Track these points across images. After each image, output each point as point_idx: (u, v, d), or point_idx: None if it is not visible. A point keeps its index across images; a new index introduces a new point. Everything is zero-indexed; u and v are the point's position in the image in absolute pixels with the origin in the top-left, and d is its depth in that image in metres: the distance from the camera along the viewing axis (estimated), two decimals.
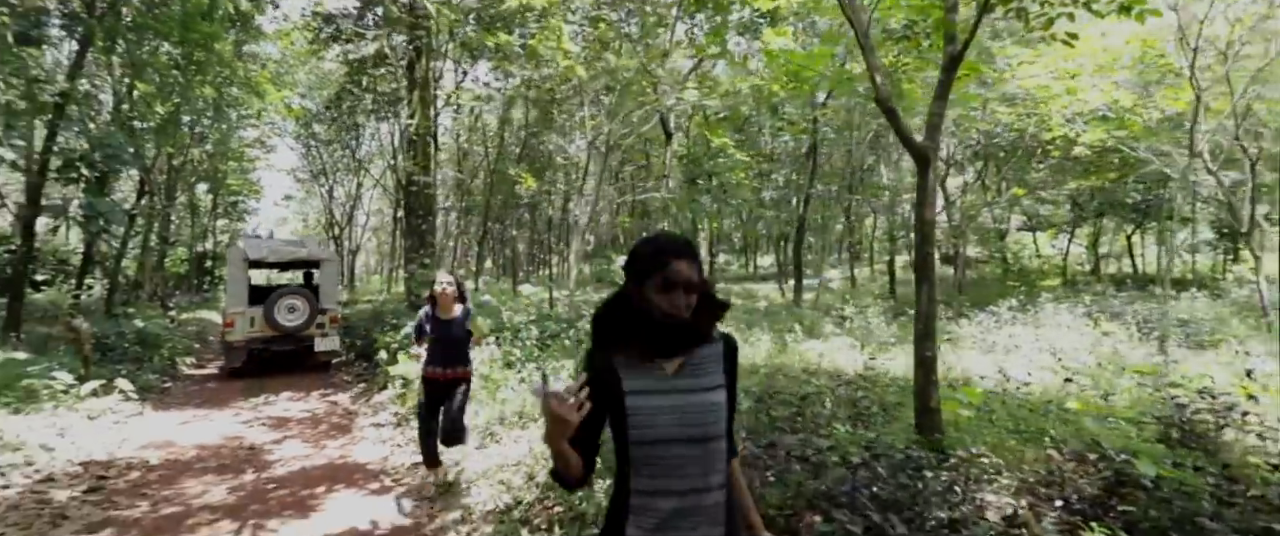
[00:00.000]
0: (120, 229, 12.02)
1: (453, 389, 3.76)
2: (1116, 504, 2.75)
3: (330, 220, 26.48)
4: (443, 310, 3.72)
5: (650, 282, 1.17)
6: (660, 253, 1.18)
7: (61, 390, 5.38)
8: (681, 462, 1.17)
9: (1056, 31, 4.37)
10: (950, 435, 3.56)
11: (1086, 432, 3.56)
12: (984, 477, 2.97)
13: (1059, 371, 5.09)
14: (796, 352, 6.77)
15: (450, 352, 3.71)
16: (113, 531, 3.32)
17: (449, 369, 3.72)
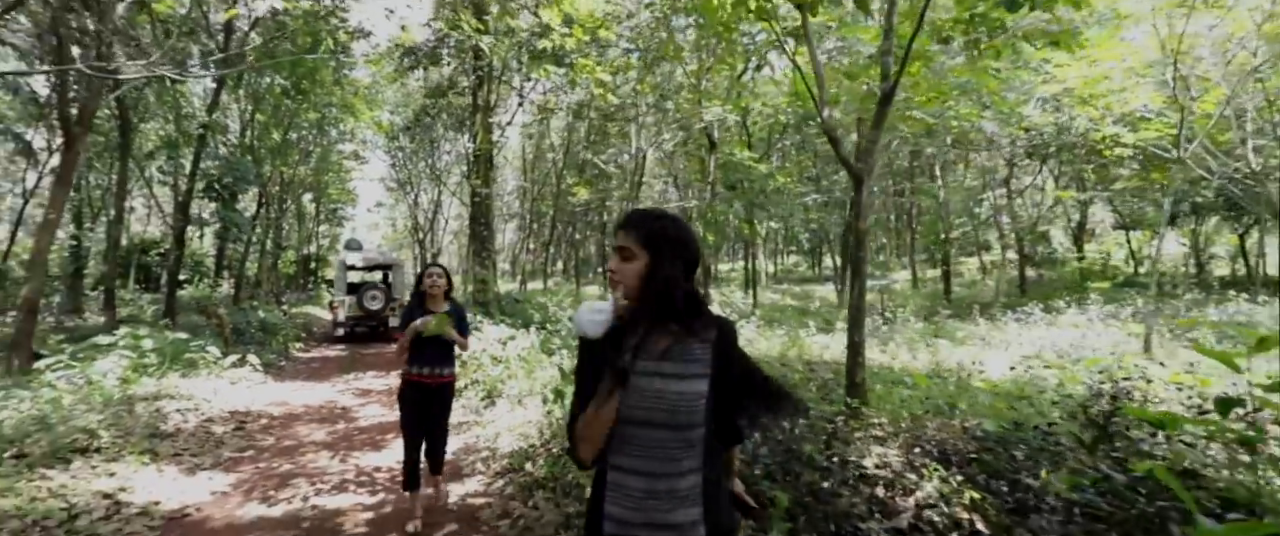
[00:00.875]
0: (246, 236, 14.45)
1: (438, 396, 3.43)
2: (972, 454, 3.53)
3: (415, 225, 29.27)
4: (431, 303, 3.39)
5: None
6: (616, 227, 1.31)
7: (212, 361, 7.17)
8: (658, 445, 1.22)
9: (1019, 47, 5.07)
10: (874, 405, 4.38)
11: (991, 408, 4.26)
12: (872, 436, 3.81)
13: (1028, 363, 5.65)
14: (802, 346, 7.57)
15: (436, 353, 3.35)
16: (252, 452, 4.81)
17: (435, 370, 3.36)
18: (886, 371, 6.01)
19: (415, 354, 3.32)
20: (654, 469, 1.22)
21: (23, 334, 7.20)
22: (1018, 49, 5.36)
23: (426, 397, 3.37)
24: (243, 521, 3.51)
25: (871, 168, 4.72)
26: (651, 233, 1.26)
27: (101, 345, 6.59)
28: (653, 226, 1.27)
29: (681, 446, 1.22)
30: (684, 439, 1.22)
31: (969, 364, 6.02)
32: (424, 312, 3.29)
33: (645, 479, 1.22)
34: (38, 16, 9.37)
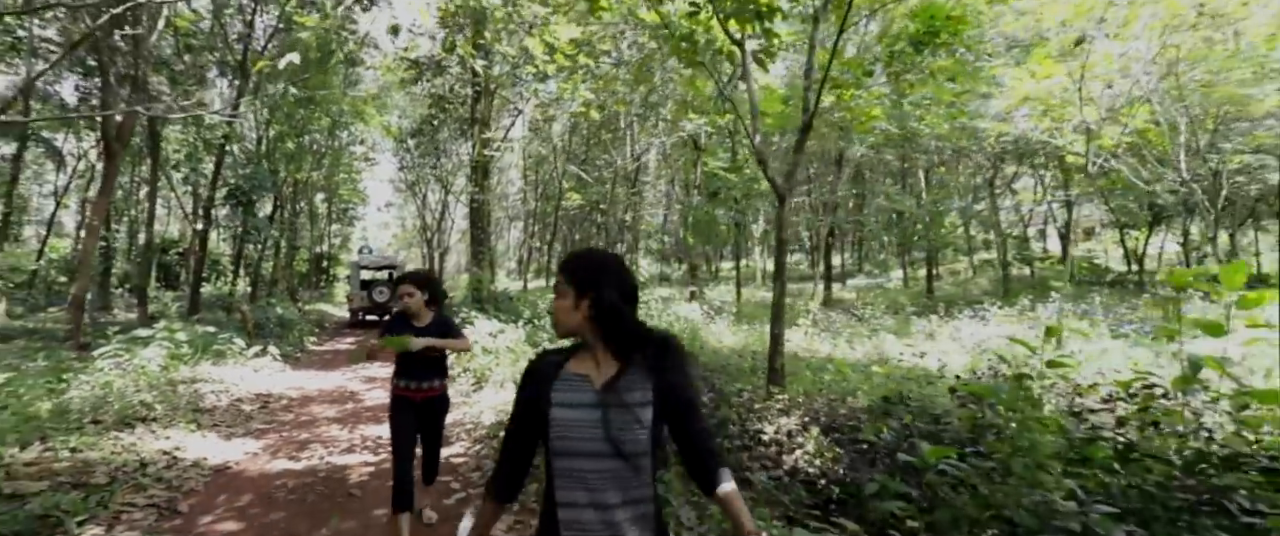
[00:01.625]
0: (264, 237, 15.60)
1: (426, 410, 3.26)
2: (848, 422, 4.43)
3: (423, 225, 30.45)
4: (416, 318, 3.22)
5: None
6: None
7: (237, 352, 8.23)
8: (583, 478, 1.22)
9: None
10: (791, 387, 5.29)
11: (884, 388, 5.16)
12: (778, 410, 4.73)
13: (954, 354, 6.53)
14: (763, 339, 8.47)
15: (421, 366, 3.19)
16: (275, 425, 5.82)
17: (419, 384, 3.21)
18: (821, 360, 6.91)
19: (401, 367, 3.22)
20: (600, 500, 1.22)
21: (74, 326, 8.30)
22: (928, 80, 6.22)
23: (414, 411, 3.22)
24: (271, 472, 4.50)
25: (793, 186, 5.63)
26: (577, 269, 1.30)
27: (142, 337, 7.65)
28: (579, 263, 1.32)
29: (629, 475, 1.23)
30: (632, 467, 1.23)
31: (896, 354, 6.89)
32: (407, 329, 3.15)
33: (595, 511, 1.22)
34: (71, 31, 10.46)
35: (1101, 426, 3.13)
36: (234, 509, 3.80)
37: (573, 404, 1.25)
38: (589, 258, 1.36)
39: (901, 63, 5.96)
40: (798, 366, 6.60)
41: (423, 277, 3.27)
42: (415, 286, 3.18)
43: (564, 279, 1.32)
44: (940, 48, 5.62)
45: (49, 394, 5.35)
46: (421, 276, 3.27)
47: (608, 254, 1.39)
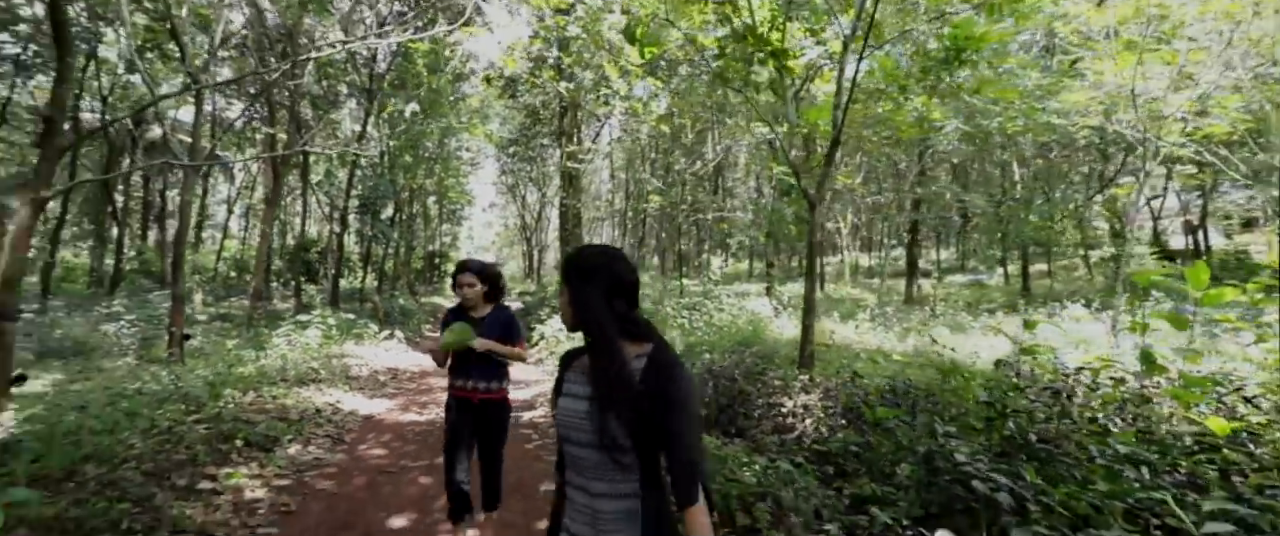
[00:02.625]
0: (388, 239, 18.17)
1: (482, 414, 3.08)
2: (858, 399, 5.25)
3: (522, 224, 33.07)
4: (474, 309, 3.10)
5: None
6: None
7: (371, 334, 10.21)
8: (590, 465, 1.34)
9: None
10: (820, 371, 6.13)
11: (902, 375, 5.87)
12: (799, 387, 5.61)
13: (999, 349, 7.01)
14: (818, 333, 9.22)
15: (478, 366, 3.03)
16: (404, 390, 7.49)
17: (476, 384, 3.04)
18: (867, 351, 7.61)
19: (457, 365, 3.07)
20: (588, 487, 1.34)
21: (254, 313, 10.65)
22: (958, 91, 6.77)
23: (469, 413, 3.06)
24: (402, 421, 6.05)
25: (824, 195, 6.45)
26: (568, 266, 1.39)
27: (303, 321, 9.77)
28: (571, 261, 1.40)
29: (612, 468, 1.30)
30: (613, 461, 1.30)
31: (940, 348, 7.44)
32: (463, 320, 3.02)
33: (584, 495, 1.35)
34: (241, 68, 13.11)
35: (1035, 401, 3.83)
36: (379, 441, 5.34)
37: (572, 395, 1.37)
38: (581, 255, 1.42)
39: (934, 77, 6.60)
40: (840, 355, 7.37)
41: (483, 268, 3.14)
42: (476, 277, 3.08)
43: (562, 275, 1.42)
44: (965, 65, 6.22)
45: (252, 360, 7.32)
46: (482, 267, 3.15)
47: (604, 252, 1.42)
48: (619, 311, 1.34)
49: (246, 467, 4.31)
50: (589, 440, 1.31)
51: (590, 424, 1.30)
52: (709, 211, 16.64)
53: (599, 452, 1.31)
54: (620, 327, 1.33)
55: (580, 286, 1.35)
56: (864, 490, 3.13)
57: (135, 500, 3.42)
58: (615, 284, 1.35)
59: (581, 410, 1.33)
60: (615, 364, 1.28)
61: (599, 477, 1.33)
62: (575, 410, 1.35)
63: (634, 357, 1.32)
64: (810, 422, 5.05)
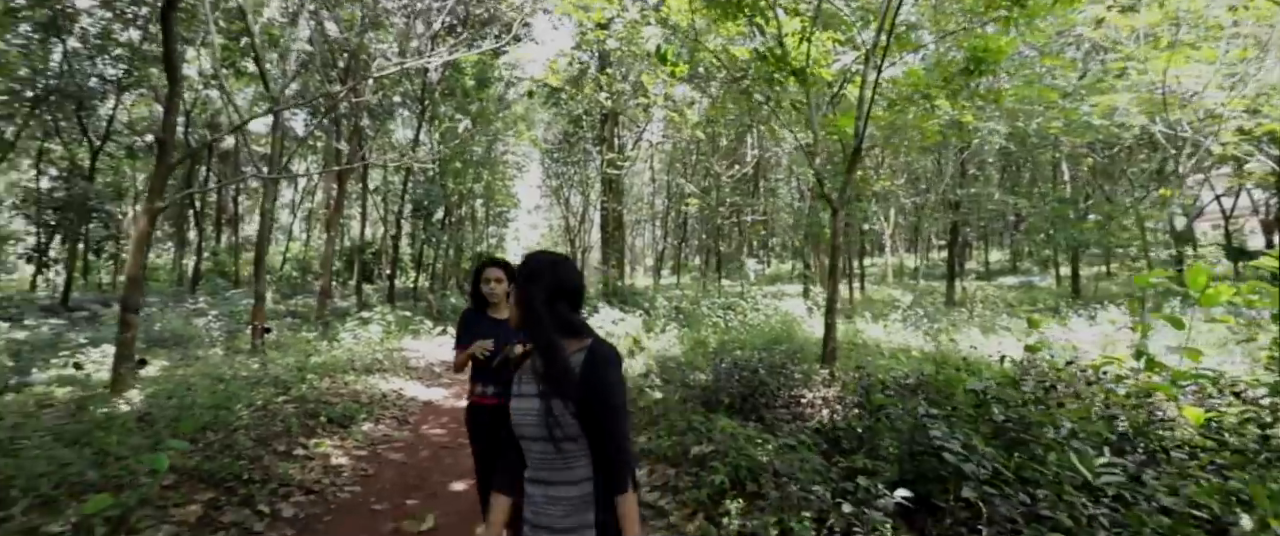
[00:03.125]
0: (439, 241, 19.26)
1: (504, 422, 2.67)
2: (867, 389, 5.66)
3: (567, 226, 34.03)
4: (494, 309, 2.91)
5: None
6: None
7: (426, 330, 11.09)
8: (540, 456, 1.48)
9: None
10: (841, 366, 6.55)
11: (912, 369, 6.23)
12: (820, 381, 6.06)
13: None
14: (850, 330, 9.57)
15: (500, 369, 2.74)
16: (458, 381, 8.25)
17: (500, 391, 2.77)
18: (892, 348, 7.95)
19: (478, 369, 2.85)
20: (545, 478, 1.48)
21: (323, 309, 11.71)
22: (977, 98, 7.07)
23: (494, 422, 2.78)
24: (458, 407, 6.78)
25: (845, 200, 6.86)
26: (517, 269, 1.58)
27: (366, 318, 10.73)
28: (521, 265, 1.57)
29: (563, 458, 1.45)
30: (562, 451, 1.44)
31: (962, 347, 7.72)
32: (484, 322, 2.84)
33: (542, 488, 1.48)
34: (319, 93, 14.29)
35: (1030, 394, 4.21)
36: (438, 423, 6.08)
37: (523, 394, 1.49)
38: (530, 260, 1.54)
39: (955, 86, 6.93)
40: (864, 353, 7.75)
41: (510, 264, 2.92)
42: (504, 272, 2.89)
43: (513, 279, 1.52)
44: (985, 74, 6.55)
45: (324, 351, 8.23)
46: (509, 263, 2.95)
47: (551, 258, 1.55)
48: (560, 312, 1.48)
49: (330, 439, 5.09)
50: (540, 434, 1.43)
51: (540, 418, 1.43)
52: (748, 213, 17.01)
53: (550, 444, 1.44)
54: (558, 326, 1.47)
55: (526, 288, 1.49)
56: (857, 463, 3.61)
57: (248, 459, 4.20)
58: (557, 287, 1.50)
59: (533, 407, 1.45)
60: (556, 357, 1.43)
61: (552, 468, 1.46)
62: (527, 407, 1.46)
63: (573, 352, 1.46)
64: (826, 411, 5.51)
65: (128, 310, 6.39)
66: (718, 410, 5.33)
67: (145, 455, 3.48)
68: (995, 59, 6.47)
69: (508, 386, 2.56)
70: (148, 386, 5.96)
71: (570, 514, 1.45)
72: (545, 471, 1.47)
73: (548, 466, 1.47)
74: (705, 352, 7.57)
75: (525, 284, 1.50)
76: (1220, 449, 3.47)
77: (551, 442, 1.44)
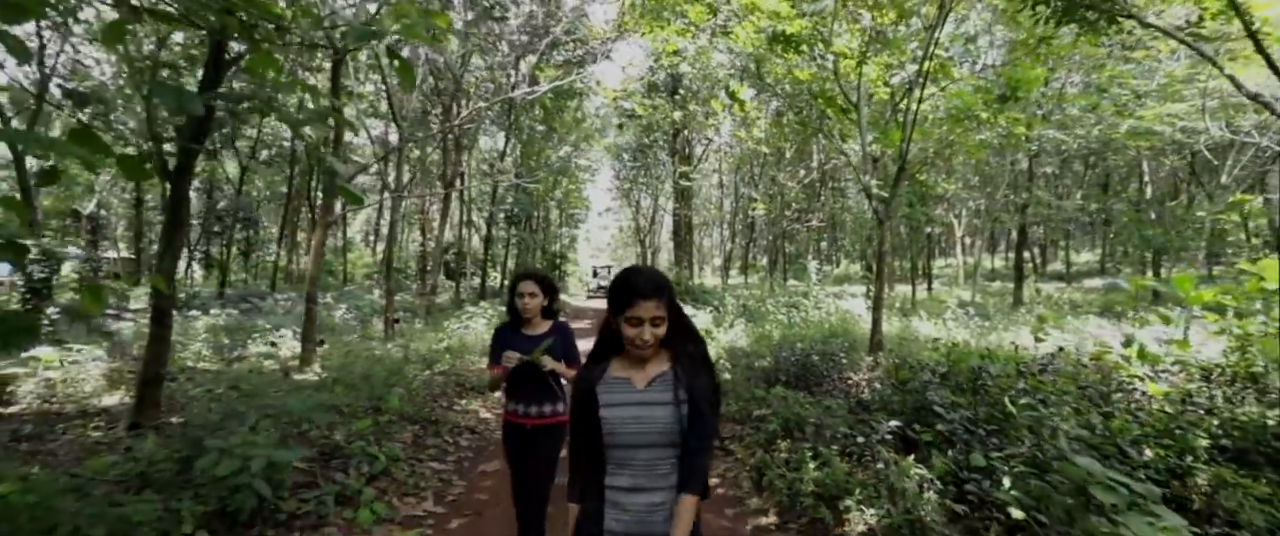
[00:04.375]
0: (523, 242, 21.28)
1: (537, 442, 2.77)
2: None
3: (636, 227, 35.71)
4: (527, 325, 2.83)
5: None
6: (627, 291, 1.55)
7: None
8: (636, 466, 1.56)
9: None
10: (888, 356, 7.68)
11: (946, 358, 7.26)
12: (866, 366, 7.22)
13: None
14: (905, 327, 10.55)
15: (535, 387, 2.73)
16: None
17: (530, 408, 2.75)
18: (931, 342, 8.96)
19: (513, 386, 2.78)
20: (646, 485, 1.54)
21: (428, 304, 13.74)
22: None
23: (528, 442, 2.78)
24: None
25: (892, 211, 7.97)
26: (670, 291, 1.62)
27: (471, 312, 12.61)
28: (649, 279, 1.60)
29: (668, 463, 1.56)
30: (671, 457, 1.56)
31: (1006, 342, 8.61)
32: (517, 338, 2.79)
33: (640, 495, 1.54)
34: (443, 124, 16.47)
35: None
36: None
37: (645, 402, 1.56)
38: (653, 273, 1.63)
39: (992, 110, 7.92)
40: (914, 346, 8.81)
41: (545, 278, 2.91)
42: (538, 286, 2.83)
43: (662, 298, 1.59)
44: (1020, 100, 7.54)
45: (443, 339, 10.08)
46: (544, 276, 2.92)
47: (655, 269, 1.69)
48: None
49: (475, 401, 6.77)
50: (660, 441, 1.53)
51: (676, 425, 1.52)
52: (813, 217, 17.95)
53: (667, 450, 1.54)
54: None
55: (671, 298, 1.58)
56: (875, 416, 4.87)
57: (429, 409, 5.90)
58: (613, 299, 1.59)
59: (664, 415, 1.53)
60: (709, 367, 1.59)
61: (658, 475, 1.54)
62: (654, 416, 1.53)
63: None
64: (867, 388, 6.72)
65: (310, 302, 8.37)
66: (776, 386, 6.63)
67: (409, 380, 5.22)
68: (1029, 87, 7.44)
69: (541, 403, 2.72)
70: (326, 361, 7.88)
71: (663, 516, 1.54)
72: (647, 478, 1.55)
73: (653, 473, 1.55)
74: (769, 344, 8.82)
75: (669, 295, 1.58)
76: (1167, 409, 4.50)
77: (669, 448, 1.55)
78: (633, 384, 1.58)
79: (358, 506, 3.64)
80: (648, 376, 1.58)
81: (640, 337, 1.53)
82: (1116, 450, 3.31)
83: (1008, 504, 3.10)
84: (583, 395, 1.61)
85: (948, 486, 3.54)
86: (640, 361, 1.59)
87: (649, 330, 1.53)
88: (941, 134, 8.94)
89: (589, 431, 1.59)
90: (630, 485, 1.55)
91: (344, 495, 3.74)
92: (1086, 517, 2.67)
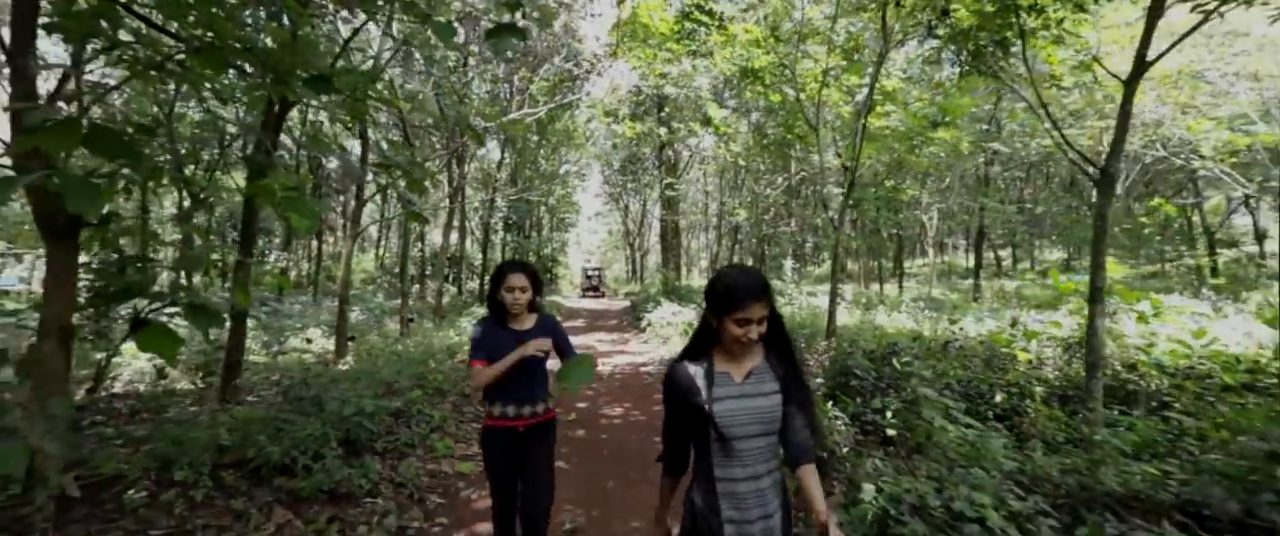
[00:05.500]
0: (526, 249, 22.67)
1: (531, 444, 2.60)
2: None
3: (626, 231, 37.18)
4: (513, 320, 2.64)
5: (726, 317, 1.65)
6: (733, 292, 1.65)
7: None
8: (747, 456, 1.66)
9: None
10: (837, 339, 9.16)
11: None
12: (820, 349, 8.69)
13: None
14: (866, 319, 12.06)
15: (527, 383, 2.57)
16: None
17: (521, 410, 2.57)
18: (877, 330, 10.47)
19: (501, 389, 2.56)
20: (756, 471, 1.66)
21: (438, 304, 15.09)
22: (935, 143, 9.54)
23: (515, 446, 2.58)
24: None
25: (844, 220, 9.47)
26: (758, 286, 1.67)
27: (476, 312, 13.97)
28: (754, 281, 1.68)
29: (770, 449, 1.69)
30: (773, 442, 1.69)
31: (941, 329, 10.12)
32: (506, 335, 2.59)
33: (752, 483, 1.66)
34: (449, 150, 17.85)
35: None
36: None
37: (755, 394, 1.68)
38: (756, 273, 1.73)
39: (926, 134, 9.46)
40: (860, 333, 10.31)
41: (534, 270, 2.72)
42: (528, 279, 2.64)
43: (765, 298, 1.68)
44: (949, 126, 9.08)
45: (453, 336, 11.47)
46: (533, 268, 2.73)
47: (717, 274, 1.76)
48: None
49: None
50: (766, 429, 1.67)
51: (776, 412, 1.68)
52: (791, 222, 19.50)
53: (773, 438, 1.70)
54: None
55: (774, 304, 1.72)
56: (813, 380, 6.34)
57: (443, 393, 7.28)
58: (713, 302, 1.72)
59: (773, 405, 1.68)
60: (800, 358, 1.74)
61: (764, 461, 1.68)
62: (765, 407, 1.67)
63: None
64: (817, 365, 8.20)
65: (342, 303, 9.74)
66: None
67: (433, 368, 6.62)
68: (957, 113, 8.98)
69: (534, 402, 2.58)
70: (357, 354, 9.24)
71: (777, 495, 1.71)
72: (757, 464, 1.67)
73: (760, 459, 1.68)
74: None
75: (771, 294, 1.68)
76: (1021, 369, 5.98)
77: (772, 436, 1.69)
78: (732, 377, 1.69)
79: (428, 447, 5.05)
80: (744, 369, 1.70)
81: (748, 335, 1.63)
82: (959, 392, 4.80)
83: (887, 427, 4.57)
84: (685, 390, 1.71)
85: (854, 421, 5.00)
86: (739, 356, 1.71)
87: (755, 329, 1.63)
88: (894, 149, 10.48)
89: (687, 424, 1.74)
90: (745, 474, 1.66)
91: (414, 440, 5.14)
92: (926, 426, 4.14)
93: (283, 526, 3.35)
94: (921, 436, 4.25)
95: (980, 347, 6.72)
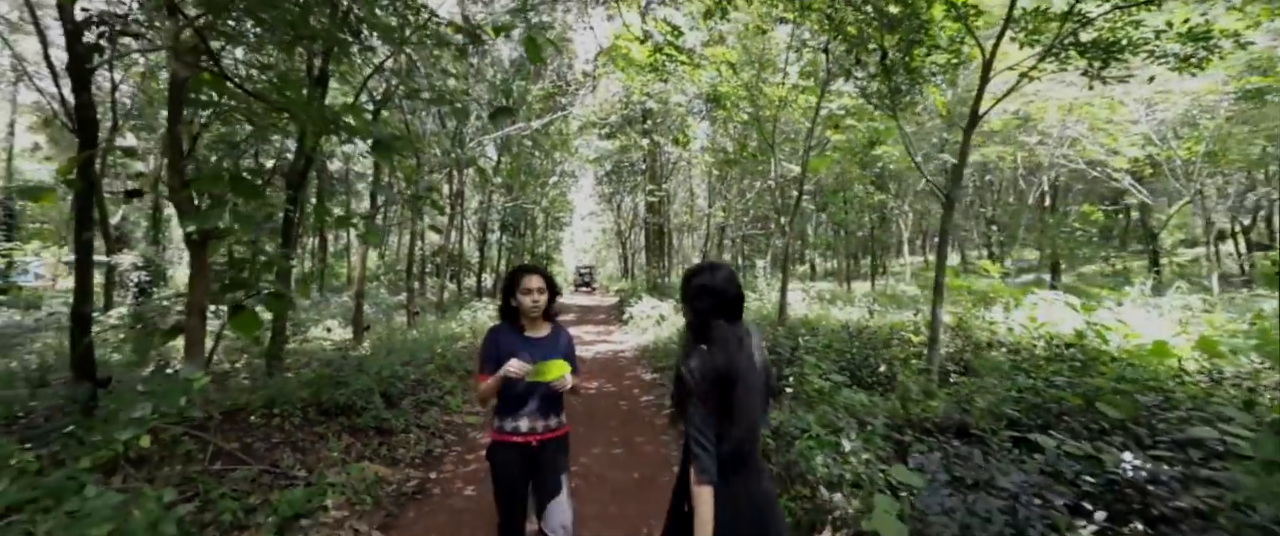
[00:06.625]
0: (522, 248, 24.21)
1: (544, 458, 2.49)
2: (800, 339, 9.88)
3: (618, 230, 38.73)
4: (528, 327, 2.54)
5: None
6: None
7: None
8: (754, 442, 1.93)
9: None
10: (789, 326, 10.76)
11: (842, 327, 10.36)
12: (769, 337, 10.28)
13: None
14: (824, 312, 13.64)
15: (542, 398, 2.47)
16: None
17: (535, 424, 2.47)
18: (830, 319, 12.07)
19: (507, 401, 2.46)
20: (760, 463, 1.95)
21: (439, 299, 16.65)
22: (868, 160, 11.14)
23: (527, 462, 2.47)
24: None
25: (793, 226, 11.05)
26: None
27: (475, 306, 15.53)
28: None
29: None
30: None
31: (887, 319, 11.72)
32: (519, 343, 2.47)
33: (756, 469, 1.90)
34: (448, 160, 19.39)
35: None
36: None
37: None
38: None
39: (865, 154, 11.04)
40: (809, 321, 11.91)
41: (550, 274, 2.62)
42: (545, 282, 2.55)
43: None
44: (883, 145, 10.67)
45: (456, 327, 13.04)
46: (549, 273, 2.62)
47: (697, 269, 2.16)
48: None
49: None
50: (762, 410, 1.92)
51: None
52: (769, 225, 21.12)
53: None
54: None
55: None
56: None
57: (450, 370, 8.85)
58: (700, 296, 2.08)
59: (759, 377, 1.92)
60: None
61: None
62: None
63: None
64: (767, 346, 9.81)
65: (359, 298, 11.30)
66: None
67: (439, 352, 8.19)
68: (886, 136, 10.57)
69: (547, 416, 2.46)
70: (372, 342, 10.79)
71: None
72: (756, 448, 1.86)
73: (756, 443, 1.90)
74: None
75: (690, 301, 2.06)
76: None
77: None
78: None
79: (444, 405, 6.64)
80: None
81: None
82: (845, 364, 6.40)
83: (786, 386, 6.17)
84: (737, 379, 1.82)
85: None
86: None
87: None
88: (839, 164, 12.07)
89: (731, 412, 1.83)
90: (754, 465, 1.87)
91: (433, 398, 6.72)
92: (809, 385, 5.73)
93: (349, 446, 4.92)
94: (810, 390, 5.84)
95: (887, 333, 8.30)
